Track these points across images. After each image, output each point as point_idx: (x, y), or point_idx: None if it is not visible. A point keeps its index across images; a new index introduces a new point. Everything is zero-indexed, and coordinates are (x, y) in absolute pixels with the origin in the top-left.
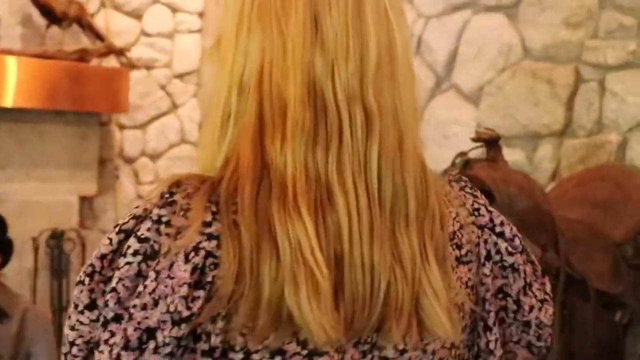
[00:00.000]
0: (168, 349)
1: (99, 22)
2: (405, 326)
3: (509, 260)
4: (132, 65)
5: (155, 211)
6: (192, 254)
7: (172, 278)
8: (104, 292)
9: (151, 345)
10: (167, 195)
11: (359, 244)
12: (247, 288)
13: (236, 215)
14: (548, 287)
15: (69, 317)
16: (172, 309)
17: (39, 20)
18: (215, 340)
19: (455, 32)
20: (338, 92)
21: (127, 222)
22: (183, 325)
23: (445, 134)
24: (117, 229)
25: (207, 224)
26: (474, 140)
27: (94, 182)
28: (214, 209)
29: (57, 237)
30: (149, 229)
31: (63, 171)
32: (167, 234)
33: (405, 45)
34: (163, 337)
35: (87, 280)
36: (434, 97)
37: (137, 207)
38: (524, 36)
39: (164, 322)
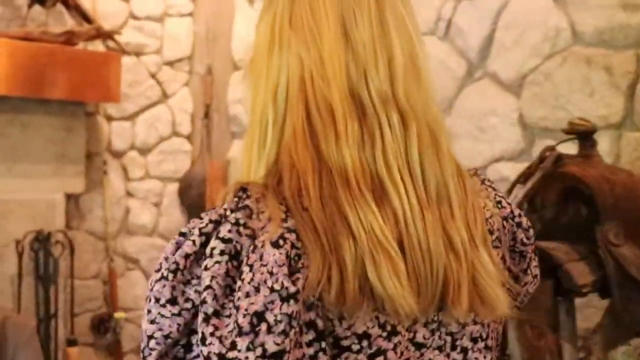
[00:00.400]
0: (281, 327)
1: (84, 3)
2: (467, 304)
3: (521, 248)
4: (122, 51)
5: (232, 215)
6: (281, 241)
7: (265, 265)
8: (183, 292)
9: (263, 326)
10: (236, 200)
11: (414, 230)
12: (333, 267)
13: (305, 210)
14: (537, 262)
15: (149, 311)
16: (277, 287)
17: None
18: (321, 324)
19: (492, 16)
20: (373, 96)
21: (206, 226)
22: (292, 302)
23: (480, 126)
24: (197, 230)
25: (284, 220)
26: (567, 132)
27: (81, 179)
28: (284, 208)
29: (41, 239)
30: (229, 231)
31: (47, 166)
32: (247, 235)
33: (424, 51)
34: (274, 315)
35: (170, 276)
36: (466, 87)
37: (209, 211)
38: (573, 19)
39: (272, 302)
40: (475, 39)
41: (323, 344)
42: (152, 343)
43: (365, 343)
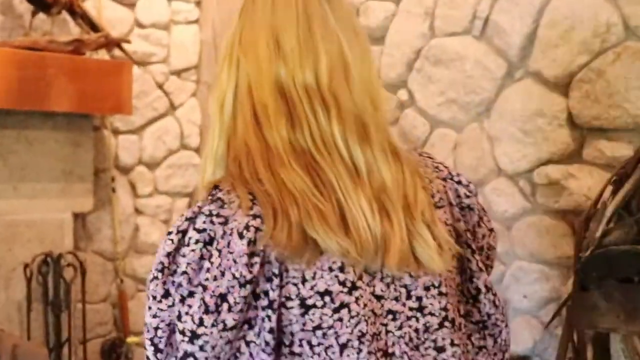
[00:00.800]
0: (239, 307)
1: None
2: (396, 263)
3: (467, 201)
4: (131, 60)
5: (206, 207)
6: (245, 231)
7: (231, 252)
8: (173, 282)
9: (225, 306)
10: (211, 196)
11: (349, 197)
12: (281, 220)
13: (262, 185)
14: (488, 218)
15: (149, 307)
16: (237, 275)
17: (21, 7)
18: (273, 295)
19: (533, 12)
20: (299, 92)
21: (182, 224)
22: (248, 286)
23: (524, 129)
24: (175, 230)
25: (250, 208)
26: None
27: (90, 197)
28: (251, 197)
29: (49, 262)
30: (204, 222)
31: (54, 185)
32: (219, 223)
33: (359, 57)
34: (234, 298)
35: (159, 275)
36: (506, 87)
37: (186, 211)
38: (625, 14)
39: (233, 287)
40: (515, 37)
41: (269, 312)
42: (159, 332)
43: (327, 299)
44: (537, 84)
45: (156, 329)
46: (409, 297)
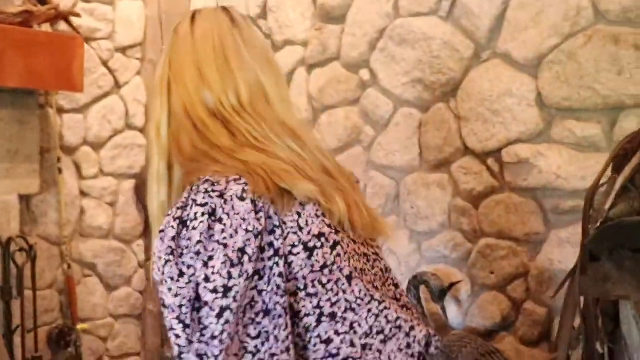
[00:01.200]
0: (256, 256)
1: None
2: (360, 225)
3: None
4: (78, 34)
5: (201, 186)
6: (244, 194)
7: (237, 213)
8: (183, 263)
9: (246, 258)
10: (198, 183)
11: (308, 168)
12: (257, 177)
13: (237, 169)
14: None
15: (169, 289)
16: (250, 228)
17: None
18: (277, 244)
19: None
20: (228, 110)
21: (175, 213)
22: (260, 237)
23: (493, 109)
24: (171, 219)
25: (240, 179)
26: None
27: (36, 178)
28: (236, 171)
29: None
30: (204, 197)
31: (0, 165)
32: (217, 196)
33: (274, 81)
34: (252, 249)
35: (171, 257)
36: (474, 68)
37: (172, 209)
38: None
39: (249, 239)
40: (484, 19)
41: (277, 259)
42: (184, 309)
43: (323, 239)
44: (506, 64)
45: (180, 306)
46: (368, 244)
